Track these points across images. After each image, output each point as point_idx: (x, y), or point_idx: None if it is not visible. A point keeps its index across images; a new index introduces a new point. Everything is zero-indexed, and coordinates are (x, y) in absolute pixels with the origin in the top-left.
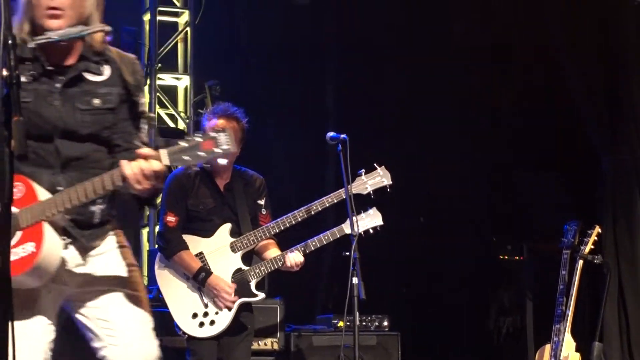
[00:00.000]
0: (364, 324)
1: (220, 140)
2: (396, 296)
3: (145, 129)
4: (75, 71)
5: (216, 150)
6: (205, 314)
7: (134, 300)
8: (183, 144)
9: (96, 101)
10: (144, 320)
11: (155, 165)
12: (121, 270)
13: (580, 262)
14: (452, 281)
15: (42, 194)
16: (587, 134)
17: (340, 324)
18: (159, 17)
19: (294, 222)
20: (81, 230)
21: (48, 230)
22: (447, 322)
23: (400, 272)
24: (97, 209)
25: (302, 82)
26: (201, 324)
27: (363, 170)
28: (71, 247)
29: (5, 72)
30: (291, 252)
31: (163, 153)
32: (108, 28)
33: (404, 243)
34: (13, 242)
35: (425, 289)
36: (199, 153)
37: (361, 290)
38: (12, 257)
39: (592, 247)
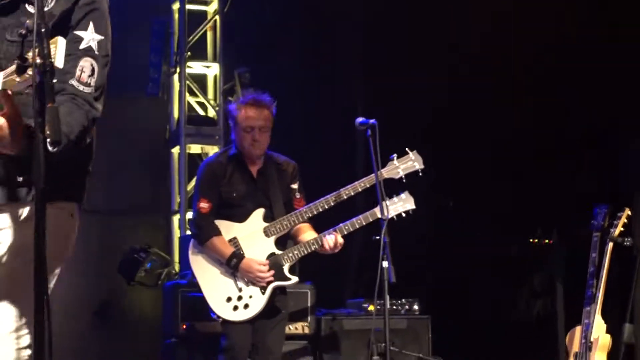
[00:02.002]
0: (394, 307)
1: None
2: (427, 280)
3: (87, 67)
4: None
5: None
6: (240, 298)
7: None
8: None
9: (24, 31)
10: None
11: None
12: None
13: (610, 244)
14: (482, 265)
15: None
16: (616, 116)
17: (371, 307)
18: (188, 6)
19: (326, 207)
20: None
21: None
22: (477, 305)
23: (431, 256)
24: None
25: (331, 68)
26: (235, 308)
27: (395, 155)
28: None
29: (39, 60)
30: (329, 234)
31: None
32: None
33: (434, 227)
34: None
35: (455, 273)
36: (28, 73)
37: (391, 274)
38: None
39: (622, 229)
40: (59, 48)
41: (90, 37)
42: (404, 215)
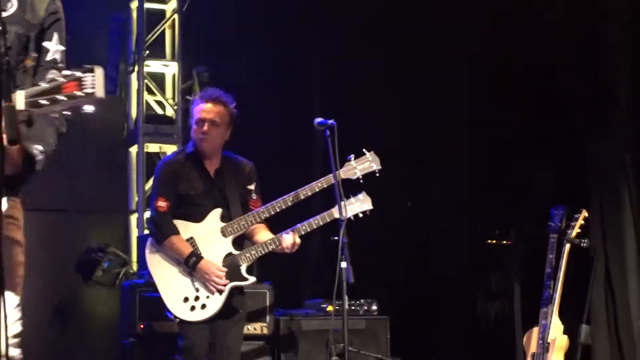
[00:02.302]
0: (352, 308)
1: (86, 82)
2: (385, 280)
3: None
4: None
5: (78, 93)
6: (197, 298)
7: None
8: (44, 84)
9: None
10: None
11: None
12: None
13: (567, 245)
14: (439, 266)
15: None
16: (574, 120)
17: (329, 308)
18: (146, 5)
19: (284, 207)
20: None
21: None
22: (435, 307)
23: (389, 257)
24: None
25: (291, 67)
26: (192, 308)
27: (352, 156)
28: None
29: None
30: (286, 233)
31: (20, 95)
32: None
33: (393, 228)
34: None
35: (413, 273)
36: (59, 97)
37: (350, 274)
38: None
39: (579, 230)
40: (97, 77)
41: (55, 48)
42: (361, 215)
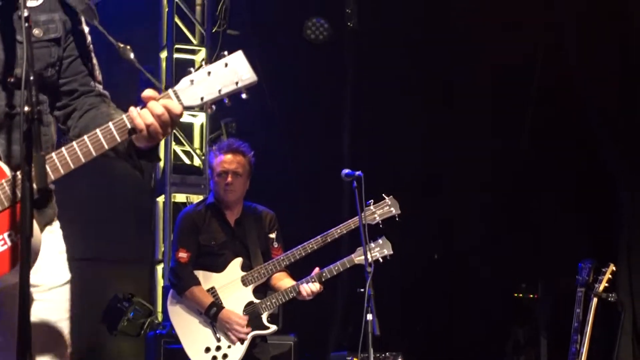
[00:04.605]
0: None
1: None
2: (411, 333)
3: (96, 65)
4: None
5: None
6: (218, 348)
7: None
8: (193, 76)
9: (36, 31)
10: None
11: (174, 109)
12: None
13: (595, 300)
14: (466, 318)
15: (6, 168)
16: (604, 172)
17: None
18: (175, 55)
19: (303, 254)
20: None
21: None
22: (461, 359)
23: (415, 309)
24: None
25: (317, 115)
26: (214, 358)
27: (372, 201)
28: None
29: (27, 108)
30: (306, 282)
31: (171, 94)
32: None
33: (419, 279)
34: None
35: (440, 325)
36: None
37: (376, 326)
38: None
39: (607, 285)
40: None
41: (87, 30)
42: (381, 260)
